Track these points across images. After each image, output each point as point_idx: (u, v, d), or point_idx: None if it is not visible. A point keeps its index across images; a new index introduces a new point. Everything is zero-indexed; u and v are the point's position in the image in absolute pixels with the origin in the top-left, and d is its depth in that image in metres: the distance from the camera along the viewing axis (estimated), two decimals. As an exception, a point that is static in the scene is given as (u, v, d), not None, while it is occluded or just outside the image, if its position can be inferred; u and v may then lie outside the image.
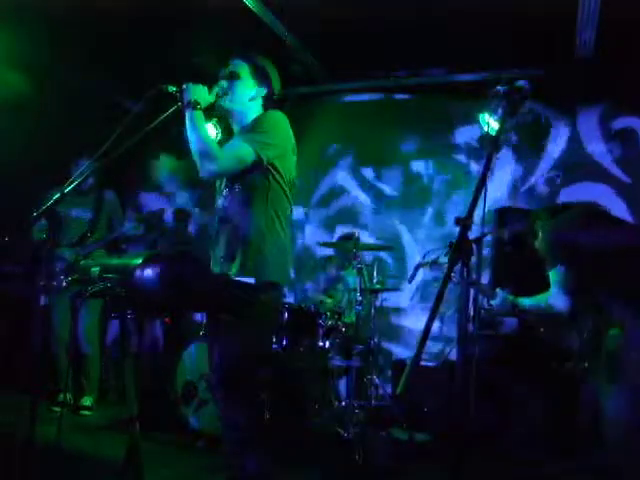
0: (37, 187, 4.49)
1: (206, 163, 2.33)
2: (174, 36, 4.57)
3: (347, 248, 4.63)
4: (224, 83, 2.52)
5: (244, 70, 2.54)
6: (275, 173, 2.43)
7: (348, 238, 4.74)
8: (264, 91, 2.58)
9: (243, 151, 2.37)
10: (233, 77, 2.52)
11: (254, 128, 2.45)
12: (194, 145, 2.36)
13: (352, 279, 4.64)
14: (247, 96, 2.54)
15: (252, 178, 2.41)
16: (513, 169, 4.99)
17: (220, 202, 2.53)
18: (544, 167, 4.91)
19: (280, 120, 2.49)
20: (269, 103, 2.60)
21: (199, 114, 2.38)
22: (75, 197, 4.61)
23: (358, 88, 5.54)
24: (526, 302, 2.98)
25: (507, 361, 3.98)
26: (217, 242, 2.49)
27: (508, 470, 3.46)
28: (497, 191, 4.94)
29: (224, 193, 2.51)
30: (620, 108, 4.71)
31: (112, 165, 2.36)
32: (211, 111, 2.51)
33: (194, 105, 2.37)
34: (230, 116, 2.58)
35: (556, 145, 4.90)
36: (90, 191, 4.70)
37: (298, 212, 5.62)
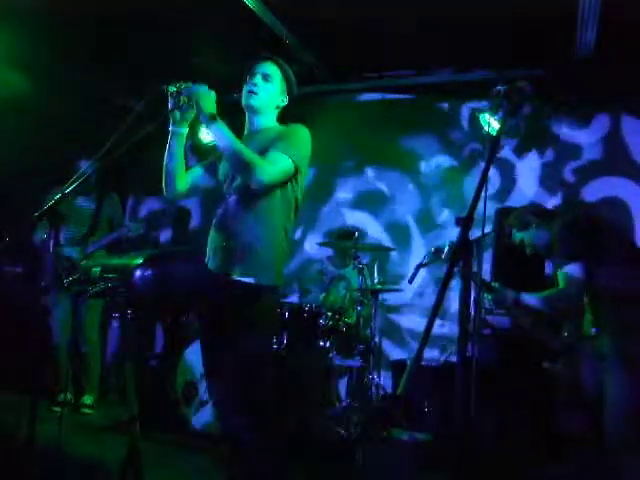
0: (37, 187, 4.49)
1: (253, 175, 2.27)
2: (174, 36, 4.57)
3: (347, 248, 4.63)
4: (259, 80, 2.47)
5: (277, 76, 2.51)
6: (295, 185, 2.43)
7: (347, 236, 4.74)
8: (285, 102, 2.57)
9: (286, 164, 2.34)
10: (267, 79, 2.48)
11: (287, 140, 2.40)
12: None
13: (354, 279, 4.64)
14: (275, 102, 2.52)
15: (272, 187, 2.37)
16: (537, 168, 4.98)
17: (225, 206, 2.49)
18: (567, 165, 4.90)
19: (308, 136, 2.46)
20: (283, 113, 2.59)
21: (222, 124, 2.29)
22: (76, 197, 4.62)
23: (359, 88, 5.53)
24: (531, 298, 2.97)
25: (508, 361, 3.98)
26: (218, 244, 2.48)
27: (508, 470, 3.46)
28: (528, 190, 4.96)
29: (234, 195, 2.46)
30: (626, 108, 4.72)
31: (113, 166, 2.35)
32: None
33: (214, 117, 2.28)
34: (249, 115, 2.53)
35: (576, 143, 4.90)
36: (91, 191, 4.70)
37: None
